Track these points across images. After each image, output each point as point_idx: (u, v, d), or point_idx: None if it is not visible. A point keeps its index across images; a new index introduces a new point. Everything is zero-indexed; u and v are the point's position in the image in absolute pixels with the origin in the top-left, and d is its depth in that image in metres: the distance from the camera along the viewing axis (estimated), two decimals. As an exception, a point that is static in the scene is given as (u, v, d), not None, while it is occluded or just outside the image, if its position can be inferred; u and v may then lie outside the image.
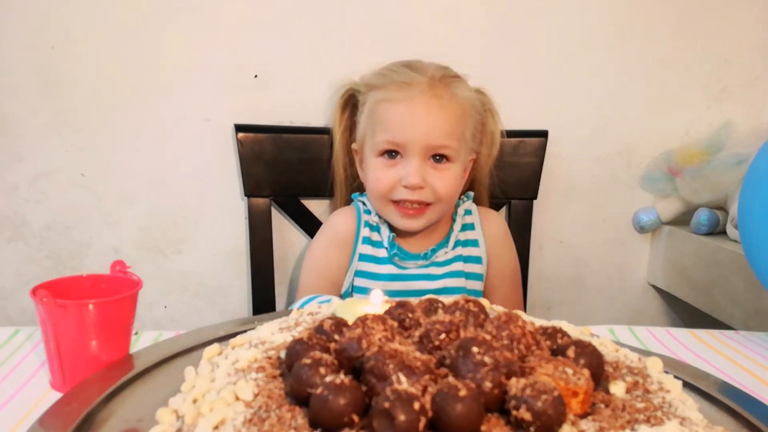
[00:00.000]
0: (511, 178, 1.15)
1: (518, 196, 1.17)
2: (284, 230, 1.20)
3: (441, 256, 1.02)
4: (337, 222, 1.06)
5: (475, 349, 0.40)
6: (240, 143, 1.11)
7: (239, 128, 1.11)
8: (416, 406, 0.36)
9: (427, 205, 0.97)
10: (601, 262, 1.29)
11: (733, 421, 0.50)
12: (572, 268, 1.29)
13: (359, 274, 1.02)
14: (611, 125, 1.22)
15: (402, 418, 0.35)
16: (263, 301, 1.17)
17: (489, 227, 1.06)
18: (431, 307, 0.52)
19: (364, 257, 1.03)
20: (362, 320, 0.45)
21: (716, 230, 1.17)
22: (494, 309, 0.61)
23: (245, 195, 1.14)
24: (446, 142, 0.95)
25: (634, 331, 0.77)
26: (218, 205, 1.17)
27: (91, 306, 0.57)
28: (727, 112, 1.23)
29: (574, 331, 0.56)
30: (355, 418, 0.37)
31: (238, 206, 1.17)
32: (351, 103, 1.06)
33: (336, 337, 0.46)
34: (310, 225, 1.17)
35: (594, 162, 1.24)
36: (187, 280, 1.20)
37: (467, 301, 0.51)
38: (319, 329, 0.48)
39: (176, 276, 1.20)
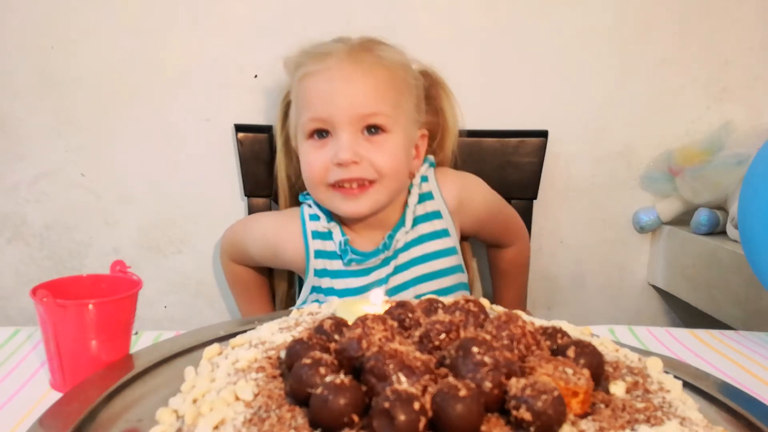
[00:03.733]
0: (511, 178, 1.15)
1: (518, 196, 1.17)
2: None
3: (401, 238, 0.93)
4: (278, 243, 0.98)
5: (475, 349, 0.40)
6: (240, 143, 1.11)
7: (239, 128, 1.11)
8: (416, 406, 0.36)
9: (371, 182, 0.88)
10: (601, 262, 1.29)
11: (733, 421, 0.50)
12: (572, 268, 1.29)
13: (316, 289, 0.96)
14: (611, 125, 1.22)
15: (402, 418, 0.35)
16: (263, 301, 1.17)
17: (447, 190, 0.98)
18: (431, 307, 0.52)
19: (319, 272, 0.95)
20: (362, 320, 0.45)
21: (716, 230, 1.17)
22: (494, 309, 0.61)
23: (245, 195, 1.14)
24: (376, 110, 0.86)
25: (634, 331, 0.77)
26: (218, 205, 1.17)
27: (91, 306, 0.57)
28: (727, 112, 1.23)
29: (574, 331, 0.56)
30: (355, 418, 0.37)
31: (238, 206, 1.17)
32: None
33: (336, 337, 0.46)
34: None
35: (594, 162, 1.24)
36: (187, 280, 1.20)
37: (467, 301, 0.51)
38: (319, 329, 0.48)
39: (176, 276, 1.20)
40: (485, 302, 0.57)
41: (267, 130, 1.12)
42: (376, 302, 0.55)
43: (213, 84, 1.12)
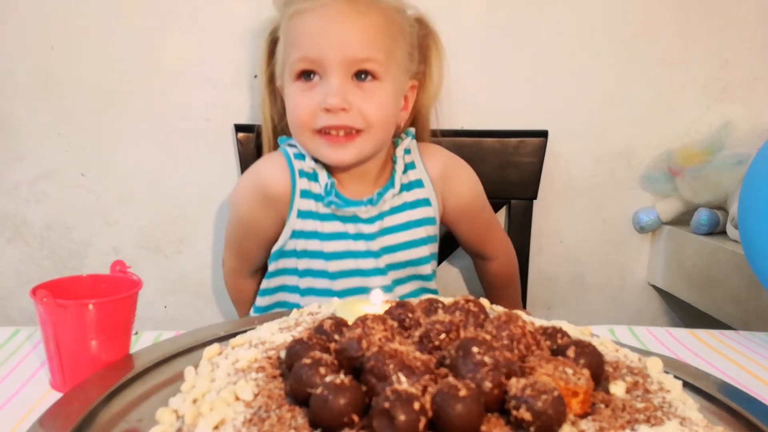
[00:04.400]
0: (511, 178, 1.15)
1: (518, 196, 1.17)
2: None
3: (389, 200, 0.92)
4: (264, 176, 0.92)
5: (475, 349, 0.40)
6: (240, 143, 1.11)
7: (239, 128, 1.11)
8: (416, 406, 0.36)
9: (358, 132, 0.85)
10: (601, 262, 1.29)
11: (733, 421, 0.50)
12: (572, 268, 1.29)
13: (297, 234, 0.92)
14: (611, 125, 1.22)
15: (402, 418, 0.35)
16: (263, 301, 1.17)
17: (432, 163, 0.96)
18: (431, 307, 0.52)
19: (303, 214, 0.91)
20: (362, 320, 0.45)
21: (716, 230, 1.17)
22: (494, 309, 0.61)
23: (245, 195, 1.14)
24: (369, 55, 0.83)
25: (634, 331, 0.77)
26: (218, 205, 1.17)
27: (91, 306, 0.57)
28: (727, 112, 1.23)
29: (574, 331, 0.56)
30: (355, 418, 0.37)
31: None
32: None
33: (336, 337, 0.46)
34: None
35: (594, 162, 1.24)
36: (187, 280, 1.20)
37: (467, 301, 0.51)
38: (319, 329, 0.48)
39: (176, 276, 1.20)
40: (485, 302, 0.57)
41: (267, 130, 1.12)
42: (376, 302, 0.55)
43: (213, 84, 1.12)
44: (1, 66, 1.09)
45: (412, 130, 0.98)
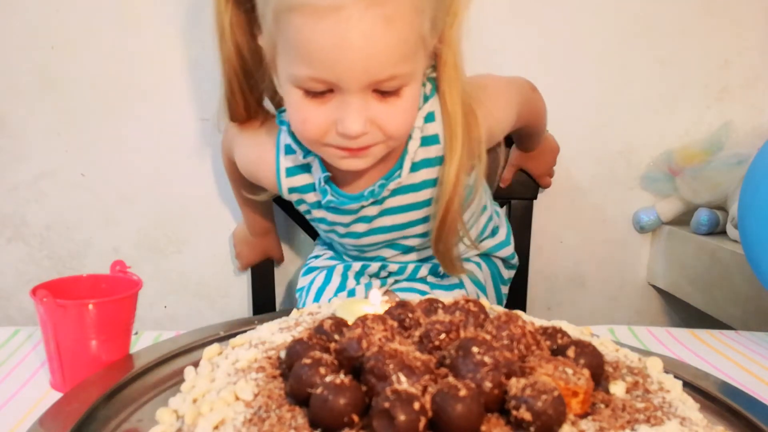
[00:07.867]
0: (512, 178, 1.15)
1: (518, 196, 1.17)
2: (284, 230, 1.20)
3: (393, 186, 0.80)
4: (260, 176, 0.87)
5: (475, 349, 0.40)
6: (240, 143, 1.11)
7: (239, 128, 1.11)
8: (416, 406, 0.36)
9: (375, 143, 0.74)
10: (601, 262, 1.29)
11: (734, 420, 0.50)
12: (572, 268, 1.29)
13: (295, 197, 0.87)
14: (611, 125, 1.22)
15: (402, 418, 0.35)
16: (263, 301, 1.17)
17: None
18: (431, 307, 0.52)
19: (294, 189, 0.85)
20: (362, 320, 0.45)
21: (716, 230, 1.17)
22: (494, 309, 0.61)
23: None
24: (397, 71, 0.67)
25: (634, 331, 0.77)
26: (218, 205, 1.17)
27: (91, 306, 0.57)
28: (727, 112, 1.23)
29: (574, 331, 0.56)
30: (355, 418, 0.37)
31: (238, 206, 1.17)
32: None
33: (336, 337, 0.46)
34: (310, 224, 1.17)
35: (594, 162, 1.24)
36: (187, 280, 1.20)
37: (467, 301, 0.51)
38: (319, 329, 0.48)
39: (176, 276, 1.20)
40: (485, 302, 0.57)
41: (267, 130, 1.12)
42: (376, 302, 0.55)
43: (212, 84, 1.12)
44: (1, 66, 1.09)
45: (434, 75, 0.79)
